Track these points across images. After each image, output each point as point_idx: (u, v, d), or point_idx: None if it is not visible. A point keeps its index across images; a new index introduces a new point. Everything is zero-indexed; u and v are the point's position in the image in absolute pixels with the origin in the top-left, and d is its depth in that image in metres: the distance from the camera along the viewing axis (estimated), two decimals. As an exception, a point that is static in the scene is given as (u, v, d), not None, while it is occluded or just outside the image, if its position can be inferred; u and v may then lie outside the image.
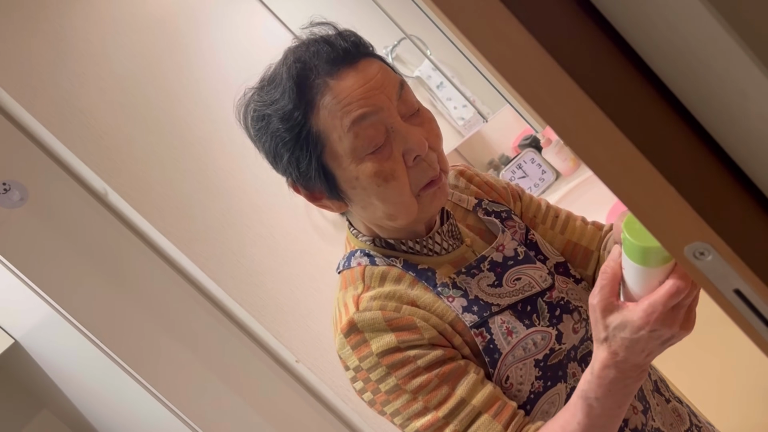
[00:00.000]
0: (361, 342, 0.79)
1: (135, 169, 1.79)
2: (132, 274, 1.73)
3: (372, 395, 0.80)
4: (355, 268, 0.87)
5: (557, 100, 0.44)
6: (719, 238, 0.45)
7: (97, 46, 1.84)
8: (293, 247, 1.98)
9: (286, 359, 1.84)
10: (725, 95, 0.46)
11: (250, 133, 0.86)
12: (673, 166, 0.45)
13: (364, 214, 0.85)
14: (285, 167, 0.82)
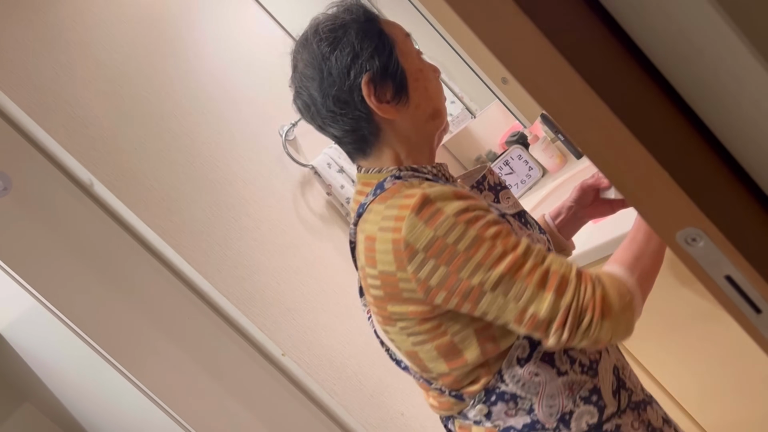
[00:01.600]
0: (435, 212, 0.86)
1: (121, 160, 1.78)
2: (117, 266, 1.71)
3: (446, 268, 0.85)
4: (391, 187, 0.95)
5: (552, 83, 0.44)
6: (712, 224, 0.45)
7: (83, 36, 1.82)
8: (280, 240, 1.97)
9: (272, 352, 1.83)
10: (719, 81, 0.46)
11: (319, 47, 0.98)
12: (666, 152, 0.45)
13: (416, 114, 0.99)
14: (366, 61, 0.96)
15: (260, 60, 2.14)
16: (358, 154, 1.02)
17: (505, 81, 1.55)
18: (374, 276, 0.92)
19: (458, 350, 0.92)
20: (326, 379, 1.89)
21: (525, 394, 0.94)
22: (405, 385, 2.03)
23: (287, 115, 2.13)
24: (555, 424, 0.93)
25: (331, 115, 0.98)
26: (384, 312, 0.95)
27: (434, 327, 0.92)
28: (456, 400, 0.97)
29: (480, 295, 0.86)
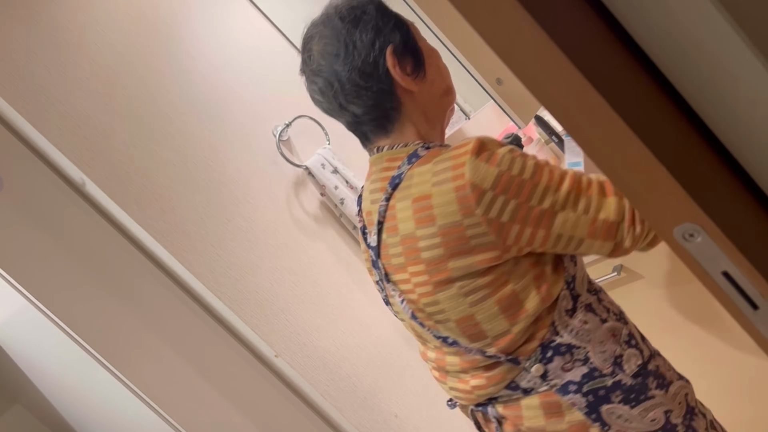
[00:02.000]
0: (491, 153, 0.89)
1: (114, 160, 1.77)
2: (109, 267, 1.70)
3: (516, 200, 0.88)
4: (428, 153, 0.97)
5: (551, 77, 0.44)
6: (709, 219, 0.45)
7: (75, 35, 1.81)
8: (273, 241, 1.96)
9: (265, 354, 1.82)
10: (716, 78, 0.46)
11: (342, 23, 1.02)
12: (664, 147, 0.45)
13: (432, 89, 1.05)
14: (388, 34, 1.01)
15: (254, 60, 2.14)
16: (379, 132, 1.04)
17: (500, 82, 1.55)
18: (431, 235, 0.92)
19: (519, 301, 0.93)
20: (320, 381, 1.88)
21: (579, 342, 0.96)
22: (399, 387, 2.03)
23: (281, 115, 2.12)
24: (611, 368, 0.96)
25: (355, 90, 1.00)
26: (440, 275, 0.93)
27: (497, 278, 0.92)
28: (510, 366, 0.97)
29: (552, 217, 0.89)
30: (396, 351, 2.08)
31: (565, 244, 0.91)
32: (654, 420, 0.97)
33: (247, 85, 2.09)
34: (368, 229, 1.07)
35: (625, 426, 0.96)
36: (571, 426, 0.97)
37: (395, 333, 2.11)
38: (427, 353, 1.11)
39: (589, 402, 0.96)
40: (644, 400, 0.97)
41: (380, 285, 1.09)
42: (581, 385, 0.96)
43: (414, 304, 1.00)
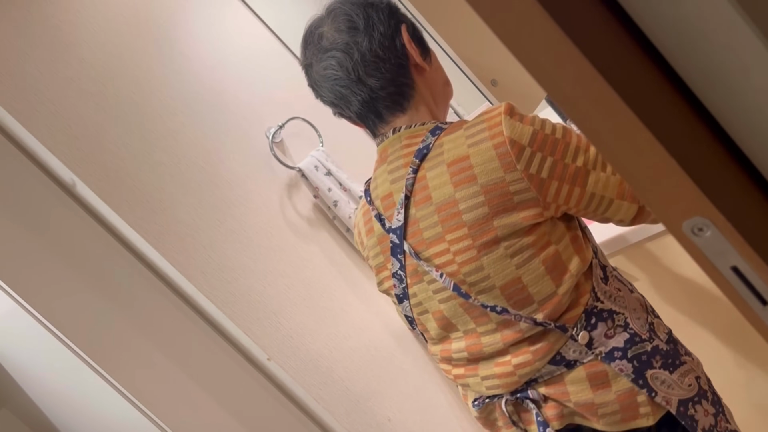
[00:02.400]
0: (522, 115, 0.93)
1: (104, 160, 1.75)
2: (99, 268, 1.68)
3: (552, 157, 0.91)
4: (452, 124, 1.01)
5: (558, 66, 0.43)
6: (719, 213, 0.44)
7: (67, 34, 1.79)
8: (266, 243, 1.95)
9: (257, 357, 1.80)
10: (726, 68, 0.45)
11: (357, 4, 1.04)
12: (674, 140, 0.44)
13: (437, 75, 1.11)
14: (401, 16, 1.07)
15: (247, 61, 2.13)
16: (395, 109, 1.05)
17: (495, 83, 1.55)
18: (473, 194, 0.92)
19: (562, 261, 0.94)
20: (312, 384, 1.87)
21: (618, 308, 0.98)
22: (392, 390, 2.01)
23: (274, 117, 2.11)
24: (648, 334, 0.99)
25: (375, 62, 1.02)
26: (486, 235, 0.93)
27: (539, 237, 0.93)
28: (558, 335, 0.96)
29: (586, 176, 0.92)
30: (389, 354, 2.06)
31: (597, 203, 0.94)
32: (690, 385, 0.98)
33: (240, 86, 2.08)
34: (386, 214, 1.04)
35: (668, 392, 0.96)
36: (618, 395, 0.96)
37: (389, 336, 2.09)
38: (453, 345, 1.06)
39: (635, 367, 0.95)
40: (679, 365, 0.98)
41: (399, 276, 1.05)
42: (626, 351, 0.96)
43: (454, 277, 0.97)
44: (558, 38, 0.42)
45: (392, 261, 1.05)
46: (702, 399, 0.99)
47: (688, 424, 0.95)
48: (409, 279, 1.04)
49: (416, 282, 1.04)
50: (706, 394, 1.00)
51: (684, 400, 0.97)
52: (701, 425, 0.96)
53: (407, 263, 1.03)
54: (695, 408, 0.97)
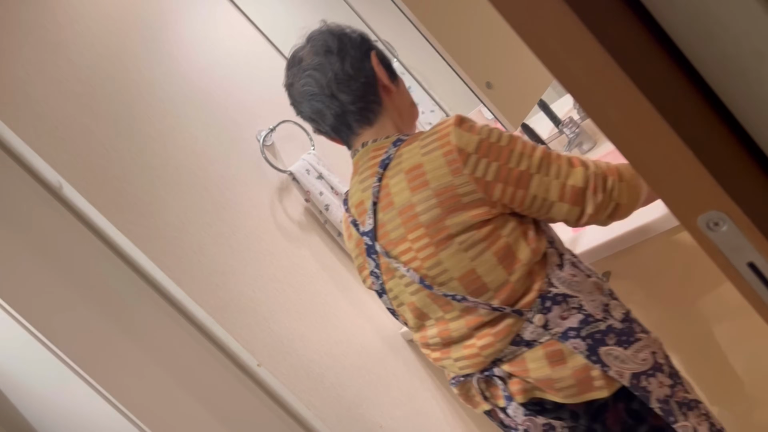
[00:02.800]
0: (472, 124, 1.05)
1: (92, 163, 1.72)
2: (85, 272, 1.65)
3: (497, 162, 1.02)
4: (410, 137, 1.13)
5: (571, 53, 0.42)
6: (737, 207, 0.43)
7: (55, 35, 1.76)
8: (256, 247, 1.92)
9: (247, 363, 1.77)
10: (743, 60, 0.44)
11: (334, 31, 1.19)
12: (690, 130, 0.43)
13: (403, 97, 1.25)
14: (371, 44, 1.21)
15: (238, 64, 2.10)
16: (364, 123, 1.18)
17: (490, 85, 1.53)
18: (427, 198, 1.05)
19: (513, 252, 1.05)
20: (303, 391, 1.84)
21: (572, 292, 1.08)
22: (384, 397, 1.99)
23: (265, 120, 2.09)
24: (602, 315, 1.08)
25: (346, 80, 1.15)
26: (440, 233, 1.05)
27: (490, 232, 1.04)
28: (515, 319, 1.07)
29: (529, 179, 1.03)
30: (381, 360, 2.04)
31: (539, 205, 1.05)
32: (644, 360, 1.08)
33: (231, 88, 2.06)
34: (360, 219, 1.18)
35: (621, 366, 1.05)
36: (574, 371, 1.06)
37: (380, 342, 2.07)
38: (428, 332, 1.18)
39: (588, 345, 1.05)
40: (634, 342, 1.08)
41: (376, 273, 1.18)
42: (579, 330, 1.06)
43: (418, 271, 1.09)
44: (572, 24, 0.40)
45: (368, 261, 1.18)
46: (657, 372, 1.08)
47: (641, 394, 1.05)
48: (384, 276, 1.17)
49: (390, 278, 1.16)
50: (661, 367, 1.09)
51: (637, 373, 1.06)
52: (655, 395, 1.06)
53: (381, 262, 1.16)
54: (649, 380, 1.07)
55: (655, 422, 1.08)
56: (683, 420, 1.07)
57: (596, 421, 1.09)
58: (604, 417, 1.08)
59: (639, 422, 1.08)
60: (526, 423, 1.12)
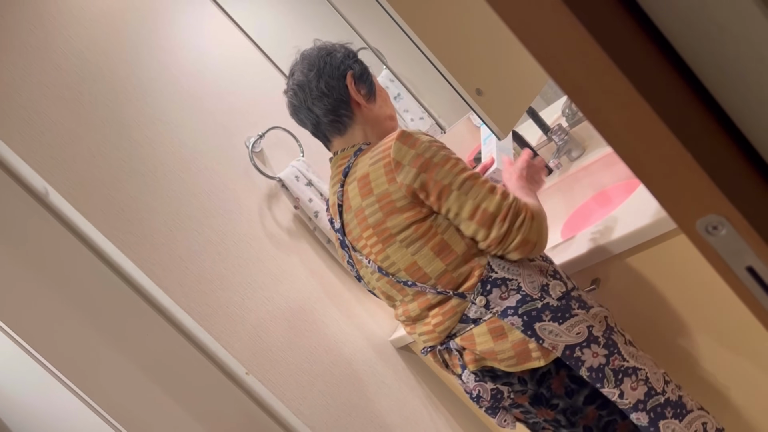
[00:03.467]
0: (413, 140, 1.22)
1: (78, 169, 1.70)
2: (71, 279, 1.63)
3: (425, 174, 1.19)
4: (368, 147, 1.32)
5: (570, 56, 0.41)
6: (736, 211, 0.42)
7: (41, 39, 1.75)
8: (245, 255, 1.90)
9: (235, 371, 1.75)
10: (741, 60, 0.44)
11: (320, 51, 1.39)
12: (689, 134, 0.43)
13: (379, 112, 1.40)
14: (351, 64, 1.38)
15: (227, 70, 2.09)
16: (335, 132, 1.37)
17: (480, 92, 1.53)
18: (372, 203, 1.23)
19: (448, 246, 1.22)
20: (292, 399, 1.82)
21: (511, 276, 1.24)
22: (373, 405, 1.97)
23: (254, 126, 2.08)
24: (539, 294, 1.24)
25: (320, 96, 1.34)
26: (385, 233, 1.24)
27: (426, 230, 1.22)
28: (459, 300, 1.25)
29: (448, 193, 1.19)
30: (371, 368, 2.03)
31: (452, 217, 1.21)
32: (579, 333, 1.23)
33: (220, 95, 2.05)
34: (334, 218, 1.36)
35: (555, 339, 1.21)
36: (513, 344, 1.23)
37: (370, 349, 2.06)
38: (398, 311, 1.38)
39: (524, 321, 1.22)
40: (569, 318, 1.23)
41: (350, 263, 1.39)
42: (517, 309, 1.22)
43: (375, 263, 1.29)
44: (571, 26, 0.40)
45: (343, 253, 1.39)
46: (591, 344, 1.23)
47: (573, 364, 1.21)
48: (357, 265, 1.38)
49: (360, 267, 1.37)
50: (597, 339, 1.23)
51: (571, 345, 1.22)
52: (587, 364, 1.21)
53: (351, 254, 1.36)
54: (582, 351, 1.22)
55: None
56: (612, 386, 1.21)
57: (542, 386, 1.25)
58: (549, 383, 1.25)
59: (581, 386, 1.25)
60: (476, 388, 1.29)
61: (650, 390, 1.24)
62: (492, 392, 1.29)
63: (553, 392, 1.26)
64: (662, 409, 1.24)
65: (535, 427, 1.39)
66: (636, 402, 1.22)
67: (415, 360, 2.17)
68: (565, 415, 1.28)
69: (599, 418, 1.27)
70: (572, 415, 1.27)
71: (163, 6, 2.02)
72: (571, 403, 1.26)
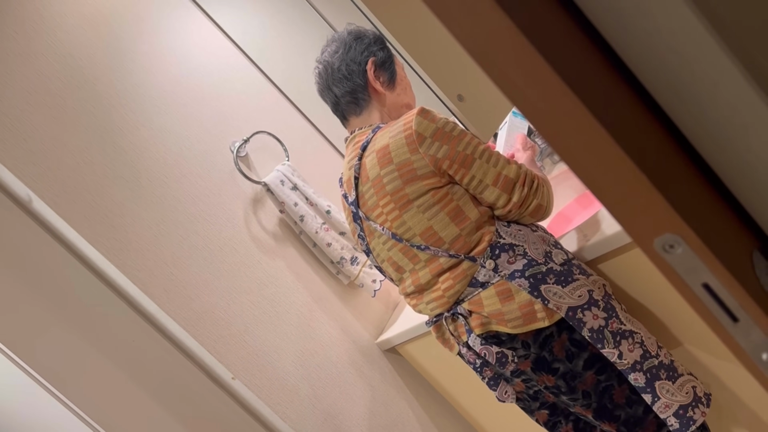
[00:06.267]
0: (433, 115, 1.31)
1: (62, 175, 1.70)
2: (55, 286, 1.63)
3: (447, 145, 1.29)
4: (386, 125, 1.39)
5: (529, 82, 0.42)
6: (691, 230, 0.44)
7: (23, 45, 1.74)
8: (231, 259, 1.91)
9: (221, 376, 1.76)
10: (695, 85, 0.45)
11: (349, 35, 1.48)
12: (645, 157, 0.44)
13: (397, 99, 1.49)
14: (374, 51, 1.47)
15: (211, 75, 2.10)
16: (352, 112, 1.48)
17: (461, 98, 1.55)
18: (391, 171, 1.32)
19: (462, 212, 1.32)
20: (278, 403, 1.83)
21: (518, 242, 1.34)
22: (360, 408, 1.99)
23: (239, 131, 2.08)
24: (544, 259, 1.33)
25: (340, 78, 1.45)
26: (403, 199, 1.32)
27: (443, 196, 1.31)
28: (469, 264, 1.33)
29: (471, 162, 1.29)
30: (357, 370, 2.04)
31: (476, 185, 1.31)
32: (581, 296, 1.31)
33: (204, 99, 2.05)
34: (348, 192, 1.45)
35: (559, 301, 1.29)
36: (520, 305, 1.31)
37: (357, 352, 2.07)
38: (405, 283, 1.44)
39: (531, 283, 1.30)
40: (571, 281, 1.32)
41: (361, 236, 1.46)
42: (524, 272, 1.31)
43: (390, 229, 1.37)
44: (527, 52, 0.41)
45: (356, 226, 1.46)
46: (592, 306, 1.31)
47: (576, 325, 1.29)
48: (368, 237, 1.45)
49: (372, 239, 1.44)
50: (597, 303, 1.32)
51: (573, 307, 1.29)
52: (588, 326, 1.29)
53: (364, 226, 1.44)
54: (584, 313, 1.30)
55: (594, 350, 1.31)
56: (612, 347, 1.29)
57: (544, 349, 1.32)
58: (551, 346, 1.31)
59: (581, 350, 1.32)
60: (483, 351, 1.36)
61: (645, 352, 1.32)
62: (497, 355, 1.35)
63: (554, 355, 1.32)
64: (657, 371, 1.31)
65: (537, 395, 1.44)
66: (633, 363, 1.30)
67: (402, 362, 2.18)
68: (565, 380, 1.33)
69: (597, 383, 1.33)
70: (572, 379, 1.33)
71: (146, 11, 2.02)
72: (572, 367, 1.32)
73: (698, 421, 1.31)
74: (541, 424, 1.49)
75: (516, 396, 1.46)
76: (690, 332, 1.47)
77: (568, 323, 1.31)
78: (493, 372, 1.43)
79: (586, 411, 1.36)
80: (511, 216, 1.34)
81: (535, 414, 1.48)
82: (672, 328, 1.49)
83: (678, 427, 1.31)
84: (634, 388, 1.33)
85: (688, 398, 1.32)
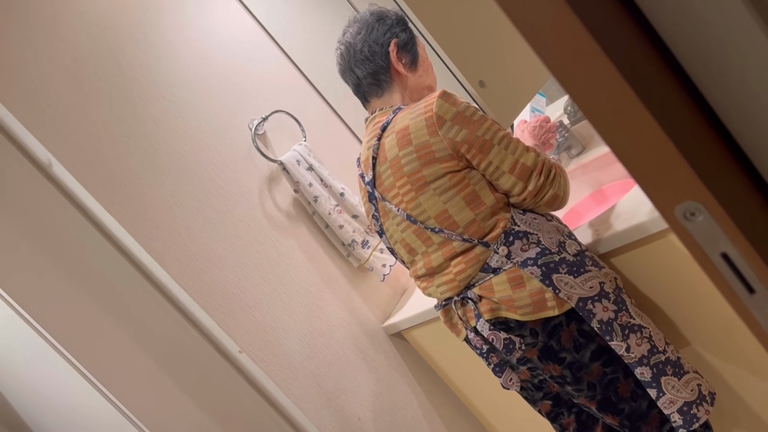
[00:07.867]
0: (454, 99, 1.31)
1: (83, 142, 1.71)
2: (71, 251, 1.65)
3: (467, 129, 1.28)
4: (406, 107, 1.40)
5: (560, 40, 0.43)
6: (713, 198, 0.44)
7: (49, 12, 1.76)
8: (243, 235, 1.92)
9: (228, 349, 1.77)
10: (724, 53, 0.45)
11: (371, 16, 1.47)
12: (671, 122, 0.44)
13: (419, 81, 1.48)
14: (397, 33, 1.46)
15: (233, 52, 2.11)
16: (373, 94, 1.47)
17: (483, 84, 1.55)
18: (410, 152, 1.32)
19: (479, 197, 1.32)
20: (283, 380, 1.85)
21: (532, 230, 1.34)
22: (363, 389, 2.00)
23: (258, 109, 2.09)
24: (557, 248, 1.33)
25: (362, 59, 1.45)
26: (420, 181, 1.32)
27: (459, 180, 1.31)
28: (483, 249, 1.33)
29: (490, 147, 1.29)
30: (362, 353, 2.05)
31: (492, 171, 1.30)
32: (592, 287, 1.31)
33: (226, 76, 2.06)
34: (365, 172, 1.45)
35: (570, 291, 1.30)
36: (531, 292, 1.31)
37: (363, 335, 2.08)
38: (417, 266, 1.44)
39: (543, 272, 1.30)
40: (583, 272, 1.32)
41: (375, 216, 1.47)
42: (537, 260, 1.31)
43: (405, 210, 1.37)
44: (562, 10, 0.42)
45: (371, 206, 1.47)
46: (602, 299, 1.31)
47: (585, 315, 1.29)
48: (382, 218, 1.45)
49: (386, 220, 1.44)
50: (608, 295, 1.32)
51: (584, 298, 1.30)
52: (598, 317, 1.29)
53: (379, 206, 1.44)
54: (594, 305, 1.30)
55: (602, 342, 1.32)
56: (620, 340, 1.29)
57: (552, 338, 1.32)
58: (559, 335, 1.31)
59: (589, 341, 1.32)
60: (491, 336, 1.35)
61: (653, 348, 1.32)
62: (505, 341, 1.34)
63: (562, 345, 1.32)
64: (663, 367, 1.31)
65: (542, 385, 1.44)
66: (641, 357, 1.30)
67: (407, 347, 2.19)
68: (571, 370, 1.33)
69: (603, 375, 1.33)
70: (578, 370, 1.33)
71: (173, -15, 2.03)
72: (578, 357, 1.32)
73: (702, 418, 1.31)
74: (543, 414, 1.49)
75: (520, 385, 1.46)
76: (698, 333, 1.47)
77: (578, 314, 1.31)
78: (499, 358, 1.43)
79: (590, 402, 1.36)
80: (526, 204, 1.34)
81: (538, 404, 1.48)
82: (680, 327, 1.49)
83: (681, 423, 1.31)
84: (640, 383, 1.33)
85: (693, 395, 1.32)
